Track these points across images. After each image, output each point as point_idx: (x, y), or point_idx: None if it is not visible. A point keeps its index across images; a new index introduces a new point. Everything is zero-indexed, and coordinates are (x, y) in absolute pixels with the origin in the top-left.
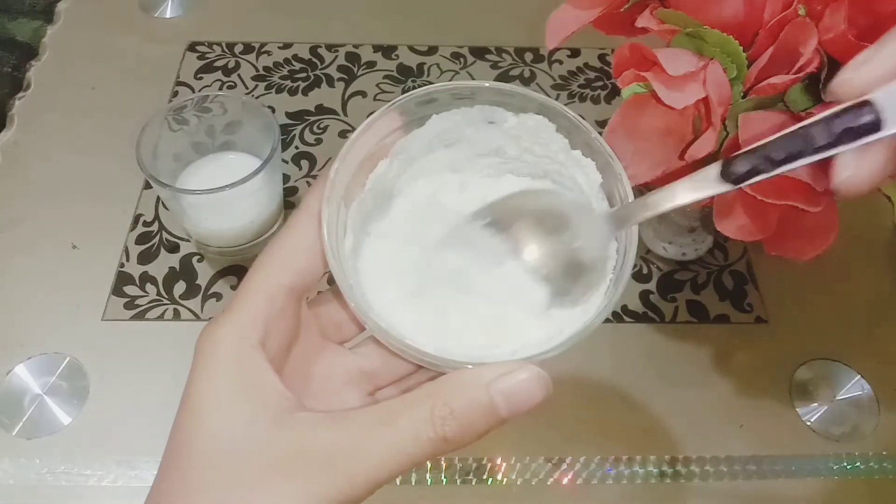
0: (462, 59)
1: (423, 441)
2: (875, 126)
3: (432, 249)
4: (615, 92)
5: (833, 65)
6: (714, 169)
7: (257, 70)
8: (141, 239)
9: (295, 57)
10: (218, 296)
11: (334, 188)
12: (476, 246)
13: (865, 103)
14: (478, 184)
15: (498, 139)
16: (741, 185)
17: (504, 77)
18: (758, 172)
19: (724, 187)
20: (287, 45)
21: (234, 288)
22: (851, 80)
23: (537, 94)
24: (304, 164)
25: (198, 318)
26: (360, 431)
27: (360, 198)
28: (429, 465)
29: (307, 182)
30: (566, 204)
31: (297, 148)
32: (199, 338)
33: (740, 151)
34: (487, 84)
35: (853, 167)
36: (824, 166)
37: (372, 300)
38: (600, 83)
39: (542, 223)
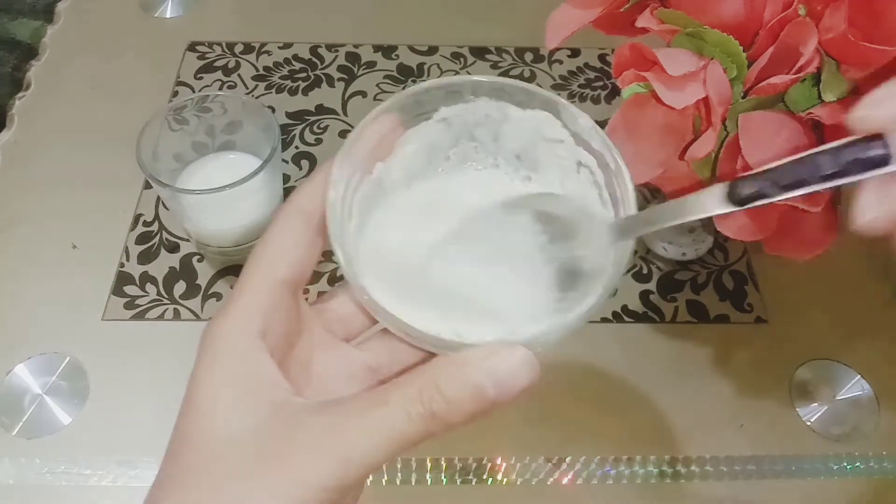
0: (462, 59)
1: (414, 417)
2: (884, 160)
3: (436, 240)
4: (615, 92)
5: (833, 64)
6: (720, 189)
7: (257, 70)
8: (141, 239)
9: (295, 57)
10: (218, 296)
11: (340, 173)
12: (480, 241)
13: (877, 136)
14: (482, 177)
15: (502, 134)
16: (745, 206)
17: (504, 77)
18: (763, 196)
19: (729, 208)
20: (287, 45)
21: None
22: (869, 117)
23: (540, 89)
24: (305, 164)
25: (198, 318)
26: (354, 413)
27: (367, 186)
28: (429, 465)
29: None
30: (573, 210)
31: (297, 148)
32: (202, 334)
33: (747, 174)
34: (486, 79)
35: (876, 210)
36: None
37: (373, 283)
38: (600, 83)
39: (548, 225)
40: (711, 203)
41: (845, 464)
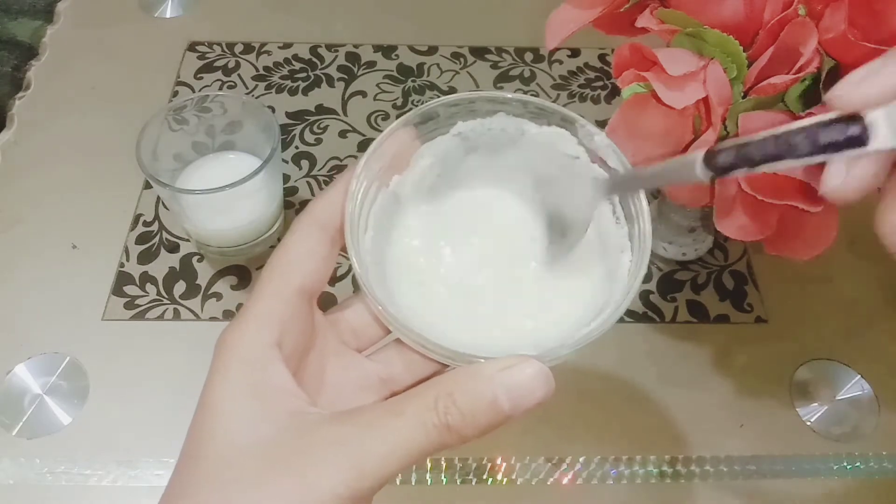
0: (462, 59)
1: (430, 428)
2: (860, 141)
3: (450, 252)
4: (615, 92)
5: (833, 65)
6: (699, 155)
7: (257, 70)
8: (141, 239)
9: (295, 57)
10: (218, 296)
11: (357, 185)
12: (494, 246)
13: (856, 116)
14: (495, 189)
15: (518, 148)
16: (721, 176)
17: (504, 77)
18: (737, 167)
19: (706, 175)
20: (287, 45)
21: (234, 288)
22: (848, 96)
23: (558, 107)
24: (304, 164)
25: (198, 318)
26: (368, 423)
27: (383, 198)
28: (429, 465)
29: (307, 182)
30: (561, 169)
31: (297, 148)
32: (217, 341)
33: (725, 143)
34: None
35: (842, 177)
36: (821, 167)
37: (389, 294)
38: (600, 83)
39: (547, 207)
40: (690, 168)
41: (845, 464)
